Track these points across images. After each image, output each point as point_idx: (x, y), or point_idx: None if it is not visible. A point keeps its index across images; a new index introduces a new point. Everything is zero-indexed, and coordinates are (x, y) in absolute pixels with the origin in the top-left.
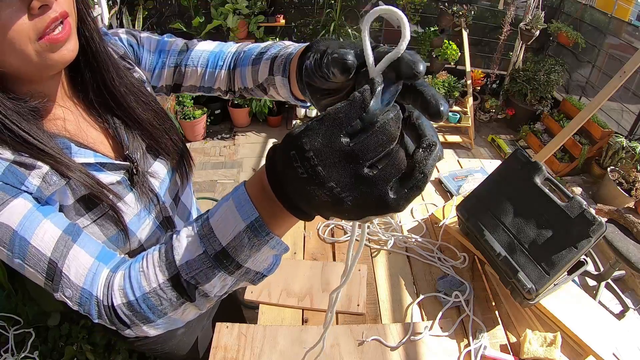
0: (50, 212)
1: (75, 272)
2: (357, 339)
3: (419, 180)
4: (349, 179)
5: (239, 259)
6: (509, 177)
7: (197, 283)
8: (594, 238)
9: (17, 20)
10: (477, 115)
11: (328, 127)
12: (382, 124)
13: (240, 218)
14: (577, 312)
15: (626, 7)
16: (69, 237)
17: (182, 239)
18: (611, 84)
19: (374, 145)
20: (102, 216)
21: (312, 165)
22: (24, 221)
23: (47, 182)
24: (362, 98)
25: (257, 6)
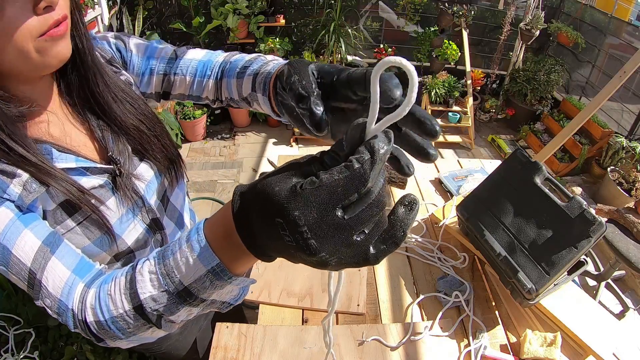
0: (32, 221)
1: (52, 284)
2: (357, 339)
3: (399, 238)
4: (339, 246)
5: (202, 296)
6: (509, 177)
7: (161, 315)
8: (594, 238)
9: (23, 19)
10: (477, 115)
11: (324, 200)
12: (377, 195)
13: (201, 264)
14: (577, 312)
15: (626, 7)
16: (47, 249)
17: (144, 272)
18: (611, 84)
19: (368, 217)
20: (85, 220)
21: (304, 239)
22: (5, 230)
23: (28, 189)
24: (362, 171)
25: (257, 6)
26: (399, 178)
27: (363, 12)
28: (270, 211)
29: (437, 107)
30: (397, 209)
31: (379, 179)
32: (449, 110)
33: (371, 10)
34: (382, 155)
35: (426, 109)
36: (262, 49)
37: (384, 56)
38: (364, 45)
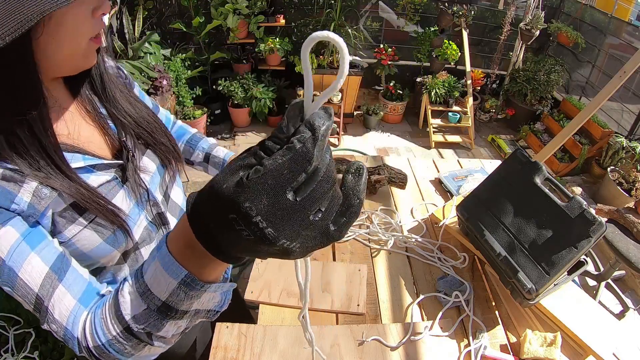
0: (39, 243)
1: (59, 312)
2: (357, 339)
3: (356, 206)
4: (297, 229)
5: (182, 308)
6: (509, 177)
7: (149, 332)
8: (594, 238)
9: (86, 19)
10: (477, 115)
11: (272, 186)
12: (325, 172)
13: (170, 277)
14: (577, 312)
15: (626, 7)
16: (55, 276)
17: (125, 294)
18: (611, 84)
19: (320, 194)
20: (97, 216)
21: (260, 229)
22: (12, 251)
23: (39, 196)
24: (305, 150)
25: (257, 6)
26: (399, 178)
27: (363, 12)
28: (222, 209)
29: (437, 107)
30: (345, 178)
31: (324, 155)
32: (449, 110)
33: (371, 10)
34: (323, 131)
35: (426, 109)
36: (262, 48)
37: (384, 56)
38: (364, 45)
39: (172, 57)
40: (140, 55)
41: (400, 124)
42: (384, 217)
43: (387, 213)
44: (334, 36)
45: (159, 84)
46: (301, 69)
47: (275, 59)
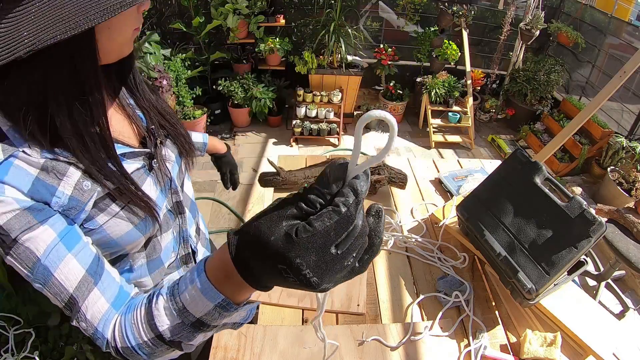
0: (75, 244)
1: (91, 313)
2: (357, 339)
3: (377, 245)
4: (336, 275)
5: (214, 324)
6: (509, 177)
7: (180, 341)
8: (594, 238)
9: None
10: (477, 115)
11: (320, 245)
12: (361, 228)
13: (208, 301)
14: (577, 312)
15: (626, 7)
16: (91, 280)
17: (160, 308)
18: (611, 84)
19: (357, 246)
20: (129, 203)
21: (307, 279)
22: (48, 251)
23: (80, 189)
24: (349, 214)
25: (257, 6)
26: (399, 178)
27: (363, 12)
28: (271, 258)
29: (437, 107)
30: (367, 220)
31: (360, 212)
32: (449, 110)
33: (371, 10)
34: (364, 194)
35: (426, 109)
36: (262, 49)
37: (384, 56)
38: (364, 45)
39: (172, 57)
40: (140, 55)
41: (400, 124)
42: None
43: (387, 213)
44: (388, 116)
45: (159, 84)
46: (301, 69)
47: (275, 59)
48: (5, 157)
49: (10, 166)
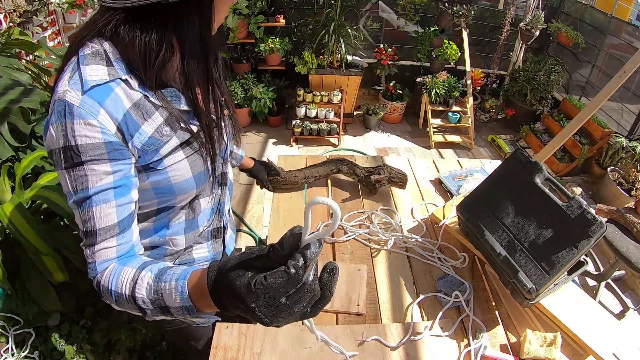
0: (123, 197)
1: (99, 253)
2: (357, 339)
3: (328, 297)
4: (286, 319)
5: (176, 315)
6: (509, 177)
7: (146, 311)
8: (594, 238)
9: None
10: (477, 115)
11: (271, 296)
12: (309, 285)
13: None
14: (577, 312)
15: (626, 7)
16: (118, 230)
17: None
18: (611, 84)
19: (304, 299)
20: (195, 153)
21: (260, 319)
22: (98, 191)
23: (161, 132)
24: (297, 275)
25: (257, 6)
26: (399, 178)
27: (363, 12)
28: (235, 299)
29: (437, 107)
30: (322, 276)
31: (310, 274)
32: (449, 110)
33: (371, 10)
34: (312, 260)
35: (426, 109)
36: (262, 49)
37: (384, 56)
38: (364, 45)
39: None
40: None
41: (400, 124)
42: (384, 217)
43: (387, 213)
44: (330, 202)
45: None
46: (301, 69)
47: (275, 59)
48: (110, 79)
49: (111, 92)
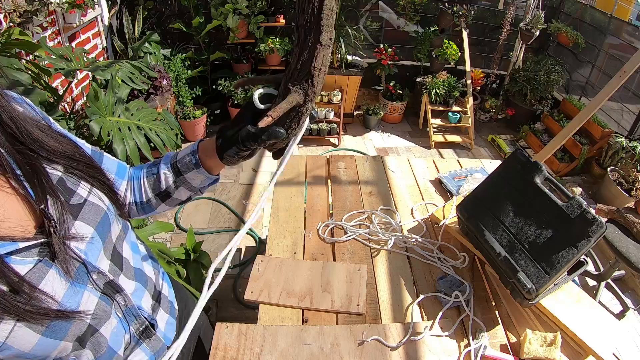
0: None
1: None
2: (357, 339)
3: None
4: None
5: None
6: (509, 177)
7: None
8: (594, 238)
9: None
10: (477, 115)
11: None
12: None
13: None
14: (577, 312)
15: (626, 7)
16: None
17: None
18: (611, 84)
19: None
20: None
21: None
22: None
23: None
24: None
25: (257, 6)
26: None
27: (363, 12)
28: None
29: (437, 107)
30: None
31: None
32: (449, 110)
33: (371, 10)
34: None
35: (426, 109)
36: (262, 49)
37: (384, 56)
38: (364, 45)
39: (172, 57)
40: (140, 55)
41: (400, 124)
42: (384, 217)
43: (387, 213)
44: None
45: (159, 84)
46: None
47: (275, 59)
48: None
49: None
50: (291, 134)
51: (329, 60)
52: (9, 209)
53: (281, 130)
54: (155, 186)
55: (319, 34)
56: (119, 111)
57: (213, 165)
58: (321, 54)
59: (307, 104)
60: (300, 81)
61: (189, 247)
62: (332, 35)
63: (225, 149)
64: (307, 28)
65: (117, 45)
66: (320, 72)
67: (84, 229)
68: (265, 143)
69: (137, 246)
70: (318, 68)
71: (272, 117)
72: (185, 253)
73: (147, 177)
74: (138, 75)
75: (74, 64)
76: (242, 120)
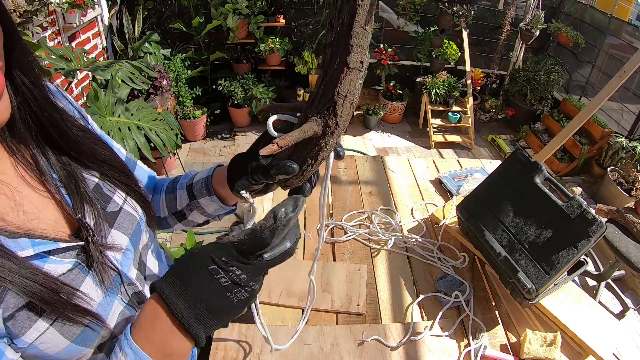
0: None
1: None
2: (357, 339)
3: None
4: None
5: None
6: (509, 177)
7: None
8: (594, 238)
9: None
10: (477, 115)
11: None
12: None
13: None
14: (577, 312)
15: (626, 7)
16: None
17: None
18: (611, 84)
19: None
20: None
21: (236, 275)
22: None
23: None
24: (262, 239)
25: (257, 6)
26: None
27: None
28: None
29: (437, 107)
30: None
31: (282, 244)
32: (449, 110)
33: None
34: (285, 221)
35: (426, 109)
36: (262, 49)
37: (384, 56)
38: None
39: (172, 57)
40: (140, 55)
41: (400, 124)
42: (384, 217)
43: (387, 213)
44: None
45: (159, 84)
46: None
47: (275, 59)
48: None
49: None
50: (306, 170)
51: (359, 88)
52: (45, 211)
53: (293, 165)
54: (171, 205)
55: (346, 54)
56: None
57: (226, 195)
58: (347, 79)
59: (327, 136)
60: (321, 109)
61: (189, 247)
62: (365, 59)
63: (236, 179)
64: (334, 47)
65: (117, 45)
66: (346, 100)
67: (119, 238)
68: (274, 178)
69: (161, 255)
70: (343, 95)
71: (277, 146)
72: None
73: (167, 193)
74: (138, 75)
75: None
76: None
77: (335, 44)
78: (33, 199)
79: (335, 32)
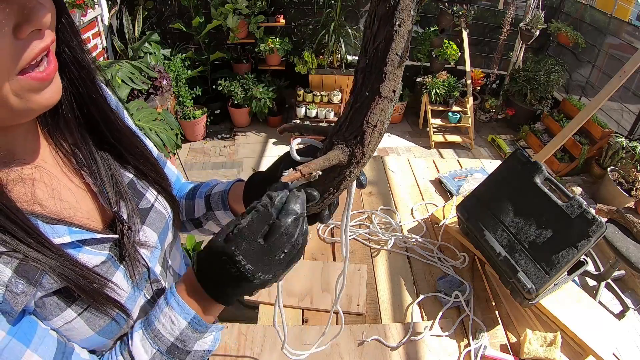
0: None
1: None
2: (357, 339)
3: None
4: (268, 265)
5: (187, 348)
6: (509, 177)
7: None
8: (594, 238)
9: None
10: (477, 115)
11: (248, 235)
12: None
13: (181, 319)
14: (577, 312)
15: (626, 7)
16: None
17: (136, 343)
18: (611, 84)
19: (284, 245)
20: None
21: (242, 265)
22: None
23: (13, 291)
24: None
25: (257, 6)
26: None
27: (363, 12)
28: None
29: (437, 107)
30: None
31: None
32: (449, 110)
33: None
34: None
35: (426, 109)
36: (262, 49)
37: None
38: None
39: (172, 57)
40: (140, 55)
41: (400, 124)
42: (384, 217)
43: (387, 213)
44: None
45: (159, 84)
46: (301, 69)
47: (275, 59)
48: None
49: None
50: (327, 199)
51: (389, 118)
52: (81, 202)
53: (314, 193)
54: (189, 211)
55: (379, 82)
56: None
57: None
58: (378, 108)
59: (352, 166)
60: (348, 137)
61: (189, 247)
62: (398, 88)
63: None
64: (366, 73)
65: (117, 45)
66: (375, 130)
67: (150, 234)
68: None
69: (182, 253)
70: (372, 124)
71: (300, 173)
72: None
73: (187, 199)
74: (138, 75)
75: None
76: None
77: (368, 70)
78: (70, 188)
79: (369, 57)
